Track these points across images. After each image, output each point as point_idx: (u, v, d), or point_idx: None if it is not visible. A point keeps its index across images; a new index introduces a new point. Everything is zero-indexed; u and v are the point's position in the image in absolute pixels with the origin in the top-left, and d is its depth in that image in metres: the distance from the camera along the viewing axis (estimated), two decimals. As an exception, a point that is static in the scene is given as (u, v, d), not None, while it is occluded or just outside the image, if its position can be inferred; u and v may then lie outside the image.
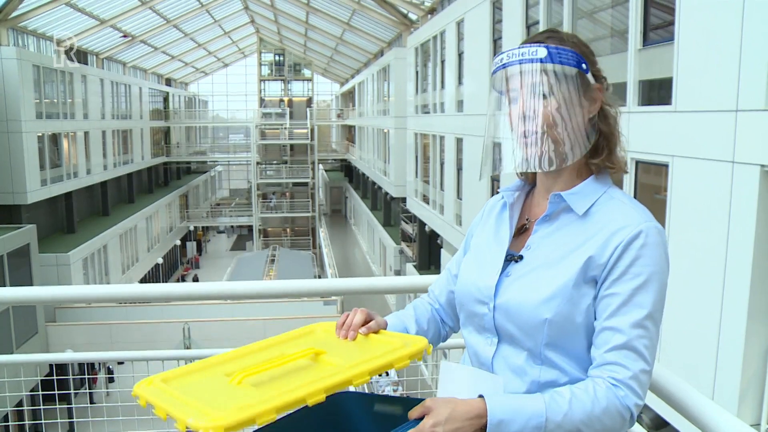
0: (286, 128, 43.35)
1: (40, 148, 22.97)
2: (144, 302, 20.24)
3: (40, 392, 2.96)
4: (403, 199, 25.79)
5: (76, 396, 12.61)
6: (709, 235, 6.61)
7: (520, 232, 1.45)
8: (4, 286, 15.92)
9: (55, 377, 2.93)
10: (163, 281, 34.58)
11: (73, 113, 26.46)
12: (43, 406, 2.98)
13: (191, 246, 44.65)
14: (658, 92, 7.81)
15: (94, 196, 29.77)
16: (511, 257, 1.40)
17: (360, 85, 38.41)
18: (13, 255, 18.03)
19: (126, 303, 20.48)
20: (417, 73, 22.11)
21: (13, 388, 3.02)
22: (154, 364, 2.71)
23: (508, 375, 1.35)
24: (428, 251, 22.29)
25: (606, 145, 1.39)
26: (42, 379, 3.29)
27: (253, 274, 27.42)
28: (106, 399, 13.63)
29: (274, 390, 1.13)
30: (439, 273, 1.72)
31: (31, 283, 18.75)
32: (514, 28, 12.13)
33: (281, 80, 52.58)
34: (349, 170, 49.33)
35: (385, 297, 25.35)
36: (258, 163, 41.62)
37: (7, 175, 21.41)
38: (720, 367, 6.45)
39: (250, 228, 43.97)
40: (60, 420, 3.01)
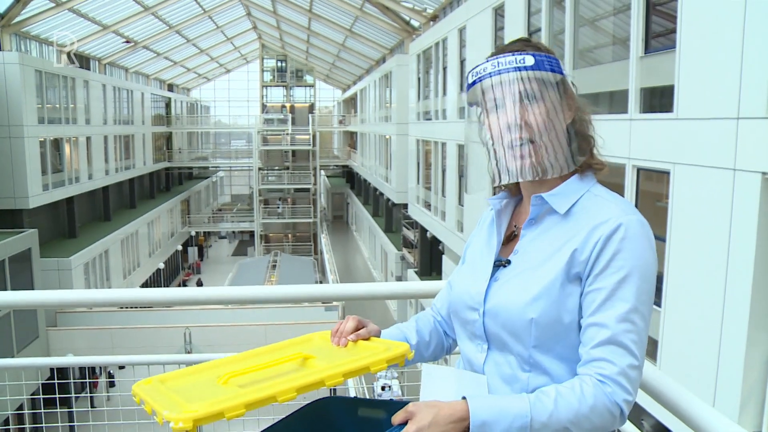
0: (288, 134, 43.40)
1: (42, 153, 23.00)
2: (145, 307, 20.24)
3: (41, 396, 2.96)
4: (405, 206, 25.80)
5: (77, 400, 12.59)
6: (710, 243, 6.61)
7: (510, 239, 1.46)
8: (6, 290, 15.90)
9: (56, 381, 2.93)
10: (165, 286, 34.56)
11: (75, 118, 26.50)
12: (44, 410, 2.98)
13: (193, 251, 44.66)
14: (659, 100, 7.82)
15: (95, 201, 29.79)
16: (500, 263, 1.41)
17: (362, 91, 38.46)
18: (15, 259, 18.04)
19: (127, 308, 20.48)
20: (419, 79, 22.15)
21: (14, 392, 3.02)
22: (155, 368, 2.71)
23: (498, 382, 1.34)
24: (430, 257, 22.28)
25: (587, 147, 1.40)
26: (43, 383, 3.29)
27: (254, 280, 27.40)
28: (107, 403, 13.61)
29: (257, 389, 1.18)
30: (441, 279, 1.73)
31: (33, 288, 18.76)
32: (516, 35, 12.10)
33: (283, 86, 52.71)
34: (350, 176, 49.37)
35: (387, 303, 25.34)
36: (260, 169, 41.64)
37: (9, 179, 21.44)
38: (721, 375, 6.43)
39: (252, 233, 43.96)
40: (61, 424, 3.00)
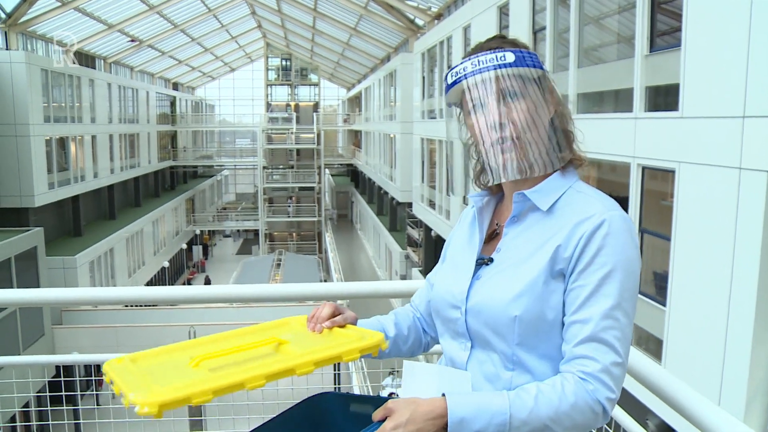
0: (292, 133, 43.42)
1: (48, 152, 23.07)
2: (150, 305, 20.28)
3: (48, 393, 2.97)
4: (409, 204, 25.78)
5: (83, 398, 12.62)
6: (715, 242, 6.59)
7: (492, 237, 1.44)
8: (12, 288, 15.94)
9: (63, 379, 2.94)
10: (169, 285, 34.63)
11: (81, 117, 26.56)
12: (50, 408, 2.99)
13: (197, 250, 44.73)
14: (664, 98, 7.81)
15: (101, 199, 29.86)
16: (483, 261, 1.39)
17: (366, 90, 38.46)
18: (21, 258, 18.09)
19: (132, 306, 20.52)
20: (423, 78, 22.13)
21: (21, 390, 3.04)
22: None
23: (480, 380, 1.33)
24: (434, 256, 22.26)
25: (566, 143, 1.38)
26: (49, 381, 3.30)
27: (258, 278, 27.42)
28: (112, 401, 13.63)
29: (226, 374, 1.17)
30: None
31: (38, 286, 18.80)
32: (520, 33, 12.13)
33: (288, 85, 52.72)
34: (355, 175, 49.36)
35: (391, 301, 25.34)
36: (264, 168, 41.68)
37: (15, 178, 21.51)
38: (726, 374, 6.42)
39: (257, 232, 44.02)
40: (67, 422, 3.02)
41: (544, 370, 1.29)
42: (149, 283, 32.20)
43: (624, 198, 8.50)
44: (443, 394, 1.21)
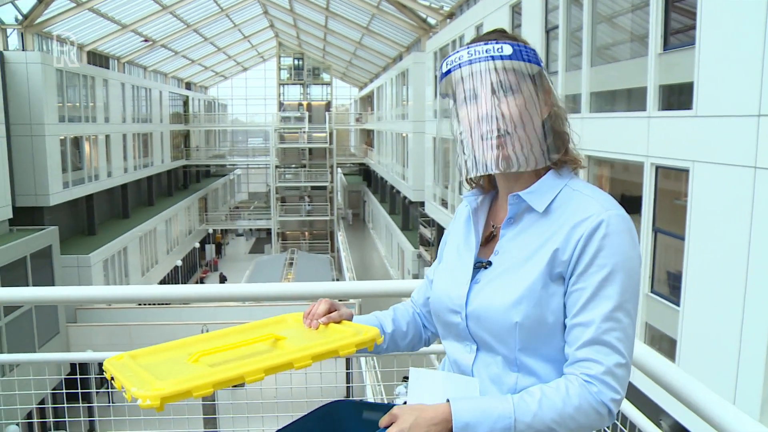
0: (305, 132, 43.47)
1: (63, 151, 23.22)
2: (163, 304, 20.39)
3: (64, 391, 3.00)
4: (422, 203, 25.76)
5: (97, 395, 12.71)
6: (730, 241, 6.55)
7: (489, 239, 1.43)
8: (27, 286, 16.05)
9: (79, 376, 2.97)
10: (182, 284, 34.79)
11: (95, 117, 26.72)
12: (66, 405, 3.02)
13: (210, 249, 44.88)
14: (678, 97, 7.76)
15: (114, 198, 30.03)
16: (480, 264, 1.38)
17: (379, 89, 38.44)
18: (36, 256, 18.24)
19: (145, 304, 20.64)
20: (436, 77, 22.10)
21: (37, 387, 3.07)
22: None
23: (486, 383, 1.33)
24: (446, 255, 22.20)
25: (561, 144, 1.36)
26: (65, 378, 3.34)
27: (271, 277, 27.46)
28: (125, 399, 13.71)
29: (225, 369, 1.20)
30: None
31: (53, 284, 18.96)
32: (533, 32, 12.10)
33: (300, 84, 52.77)
34: (367, 174, 49.36)
35: (403, 300, 25.25)
36: (277, 167, 41.75)
37: (30, 177, 21.68)
38: (742, 373, 6.38)
39: (269, 231, 44.09)
40: (83, 419, 3.04)
41: (549, 372, 1.29)
42: (162, 282, 32.35)
43: (637, 197, 8.46)
44: (447, 400, 1.22)
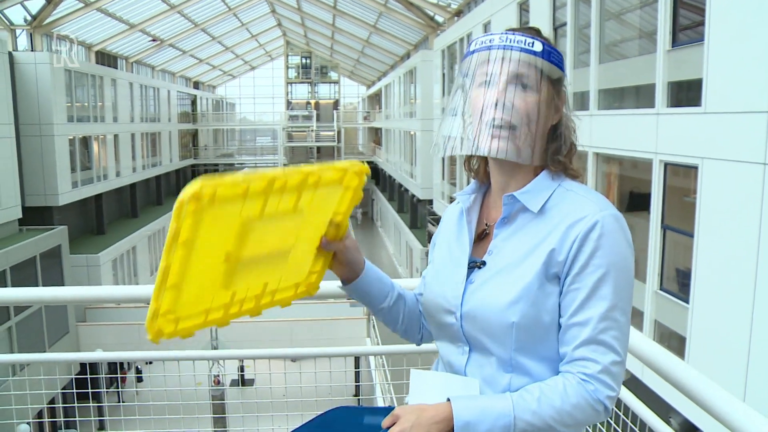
0: (312, 131, 43.57)
1: (71, 151, 23.32)
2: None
3: (74, 390, 3.01)
4: (430, 201, 25.76)
5: (107, 395, 12.77)
6: (740, 238, 6.52)
7: (481, 238, 1.42)
8: (37, 286, 16.12)
9: (89, 376, 2.98)
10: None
11: (103, 116, 26.82)
12: (76, 404, 3.04)
13: (219, 247, 44.90)
14: (686, 94, 7.73)
15: (123, 198, 30.14)
16: (475, 264, 1.38)
17: (386, 87, 38.44)
18: (46, 256, 18.33)
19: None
20: (443, 75, 22.08)
21: (47, 386, 3.09)
22: (184, 363, 2.74)
23: (480, 384, 1.34)
24: (454, 253, 22.19)
25: (567, 151, 1.37)
26: (75, 377, 3.35)
27: (279, 276, 27.46)
28: (135, 399, 13.79)
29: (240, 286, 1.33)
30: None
31: (63, 284, 19.05)
32: (541, 29, 12.06)
33: (308, 83, 52.85)
34: (375, 172, 49.38)
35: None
36: (285, 165, 41.78)
37: (39, 177, 21.80)
38: (751, 370, 6.35)
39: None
40: (93, 418, 3.06)
41: (542, 371, 1.29)
42: (171, 281, 32.37)
43: (646, 194, 8.43)
44: (448, 399, 1.23)
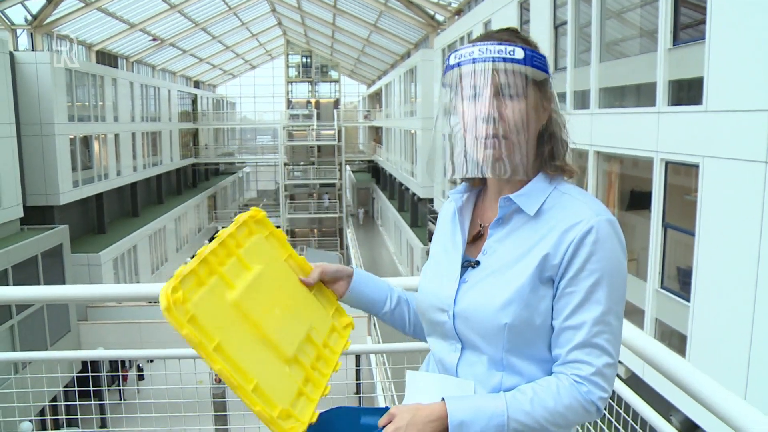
0: (313, 129, 43.49)
1: (72, 151, 23.35)
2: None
3: (76, 388, 3.02)
4: (430, 200, 25.75)
5: (109, 392, 12.78)
6: (741, 236, 6.52)
7: (476, 238, 1.43)
8: (39, 284, 16.14)
9: (90, 374, 2.99)
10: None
11: (104, 116, 26.84)
12: (79, 402, 3.04)
13: (219, 246, 44.87)
14: (687, 92, 7.72)
15: (124, 197, 30.16)
16: (468, 263, 1.38)
17: (387, 86, 38.43)
18: (47, 255, 18.35)
19: (155, 302, 20.67)
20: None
21: (49, 384, 3.09)
22: (186, 361, 2.74)
23: (474, 384, 1.34)
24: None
25: (559, 153, 1.36)
26: (76, 375, 3.36)
27: (280, 275, 27.46)
28: (136, 397, 13.80)
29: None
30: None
31: (64, 282, 19.08)
32: (541, 28, 12.07)
33: (308, 82, 52.82)
34: (376, 171, 49.38)
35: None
36: (285, 164, 41.81)
37: (40, 176, 21.82)
38: (752, 369, 6.35)
39: (278, 228, 44.10)
40: (95, 416, 3.06)
41: (533, 371, 1.31)
42: (172, 280, 32.39)
43: (647, 193, 8.43)
44: (443, 399, 1.25)
